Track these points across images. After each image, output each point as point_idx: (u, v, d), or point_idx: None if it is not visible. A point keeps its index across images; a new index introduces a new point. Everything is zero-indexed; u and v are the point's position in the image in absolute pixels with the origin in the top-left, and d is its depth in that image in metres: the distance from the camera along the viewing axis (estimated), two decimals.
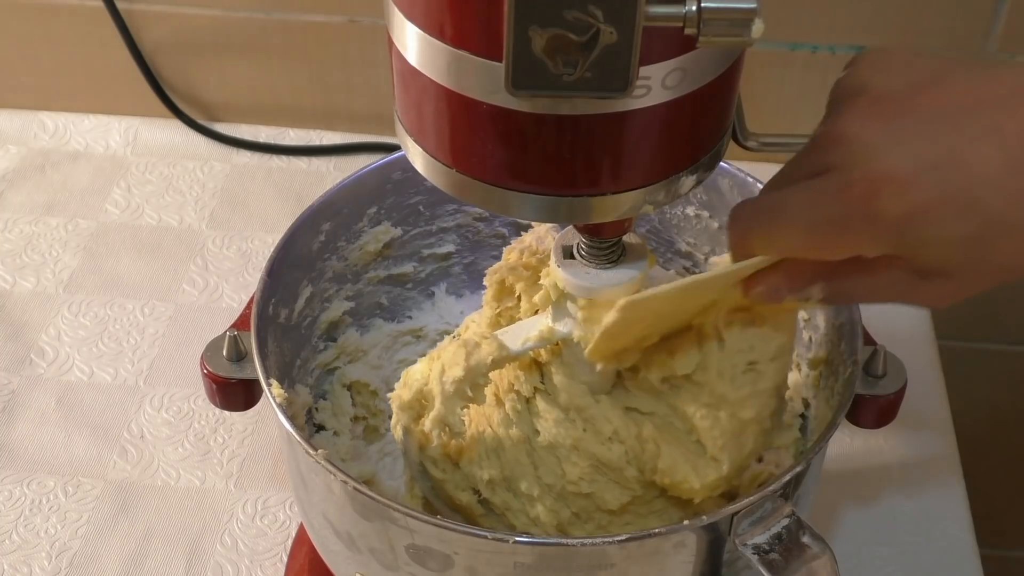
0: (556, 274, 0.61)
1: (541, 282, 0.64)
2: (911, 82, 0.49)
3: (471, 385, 0.64)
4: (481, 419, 0.68)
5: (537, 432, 0.66)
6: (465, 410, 0.68)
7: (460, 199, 0.55)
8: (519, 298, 0.70)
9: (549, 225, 0.70)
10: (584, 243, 0.61)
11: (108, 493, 0.82)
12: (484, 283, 0.72)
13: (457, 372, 0.63)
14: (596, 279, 0.61)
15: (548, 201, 0.52)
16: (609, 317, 0.58)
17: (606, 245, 0.60)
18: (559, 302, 0.63)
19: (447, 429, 0.65)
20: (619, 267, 0.61)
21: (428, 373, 0.65)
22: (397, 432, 0.67)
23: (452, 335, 0.79)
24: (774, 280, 0.54)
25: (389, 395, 0.67)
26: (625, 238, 0.61)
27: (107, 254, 0.99)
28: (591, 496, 0.65)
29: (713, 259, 0.73)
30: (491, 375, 0.66)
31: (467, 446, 0.67)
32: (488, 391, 0.68)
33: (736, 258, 0.54)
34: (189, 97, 1.09)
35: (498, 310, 0.71)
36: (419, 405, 0.67)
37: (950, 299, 0.51)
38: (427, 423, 0.65)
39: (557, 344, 0.65)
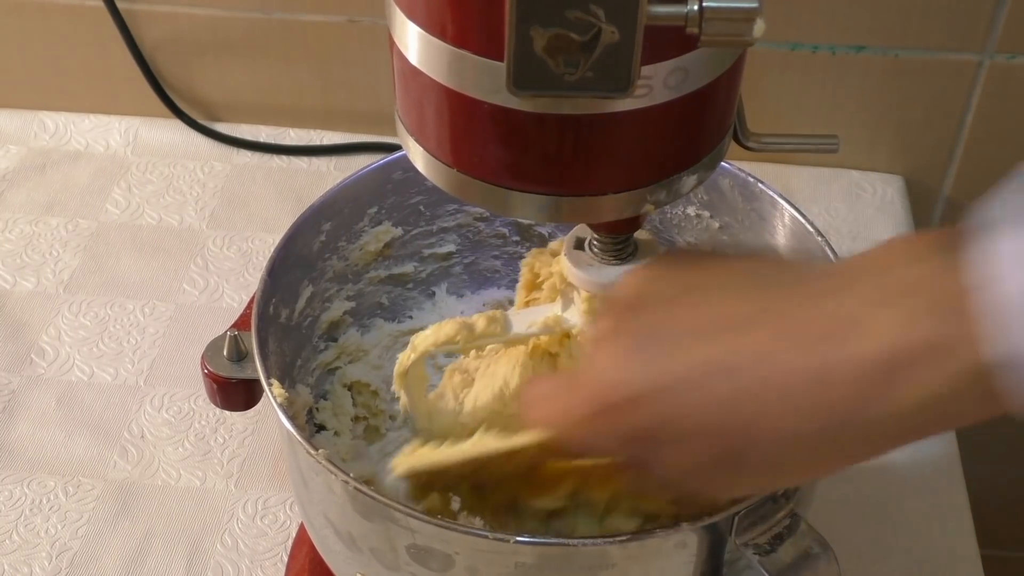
0: (562, 263, 0.61)
1: (551, 269, 0.64)
2: (656, 301, 0.50)
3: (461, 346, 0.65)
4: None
5: None
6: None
7: (461, 199, 0.55)
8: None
9: None
10: (596, 238, 0.61)
11: (108, 493, 0.82)
12: (520, 271, 0.71)
13: (449, 330, 0.63)
14: (600, 273, 0.61)
15: (549, 200, 0.52)
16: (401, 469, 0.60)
17: (618, 241, 0.60)
18: (567, 292, 0.63)
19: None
20: (628, 263, 0.61)
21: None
22: (401, 395, 0.67)
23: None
24: (554, 448, 0.56)
25: (397, 411, 0.67)
26: (637, 234, 0.61)
27: (107, 254, 0.99)
28: None
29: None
30: (500, 355, 0.67)
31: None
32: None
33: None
34: (189, 97, 1.09)
35: (526, 299, 0.71)
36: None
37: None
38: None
39: (566, 335, 0.65)
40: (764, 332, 0.47)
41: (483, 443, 0.58)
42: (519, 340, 0.66)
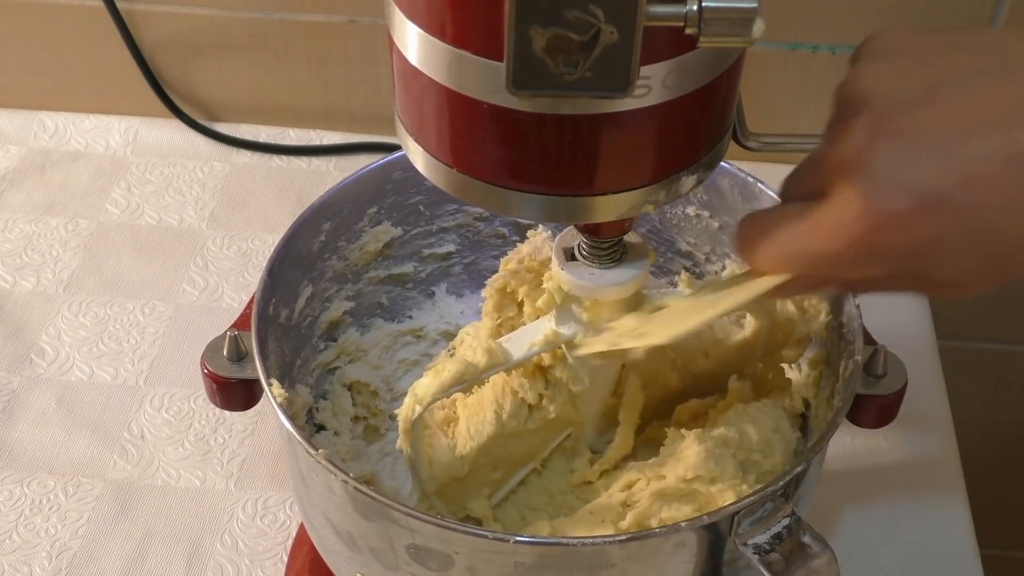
0: (559, 277, 0.61)
1: (544, 286, 0.64)
2: (910, 96, 0.46)
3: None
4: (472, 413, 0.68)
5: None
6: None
7: (461, 199, 0.55)
8: (520, 305, 0.70)
9: (546, 234, 0.70)
10: (585, 243, 0.61)
11: (108, 493, 0.82)
12: (483, 294, 0.72)
13: (452, 373, 0.63)
14: (600, 279, 0.61)
15: (549, 201, 0.52)
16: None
17: (608, 244, 0.60)
18: (563, 305, 0.63)
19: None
20: (621, 266, 0.61)
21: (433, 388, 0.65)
22: (406, 448, 0.66)
23: (447, 348, 0.79)
24: (788, 289, 0.53)
25: (396, 411, 0.66)
26: (625, 237, 0.61)
27: (107, 254, 0.99)
28: None
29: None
30: (492, 380, 0.67)
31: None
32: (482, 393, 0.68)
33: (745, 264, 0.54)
34: (189, 97, 1.09)
35: (499, 320, 0.71)
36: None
37: (965, 296, 0.50)
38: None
39: (559, 348, 0.65)
40: None
41: (735, 295, 0.55)
42: (521, 364, 0.65)
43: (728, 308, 0.56)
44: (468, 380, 0.63)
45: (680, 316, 0.58)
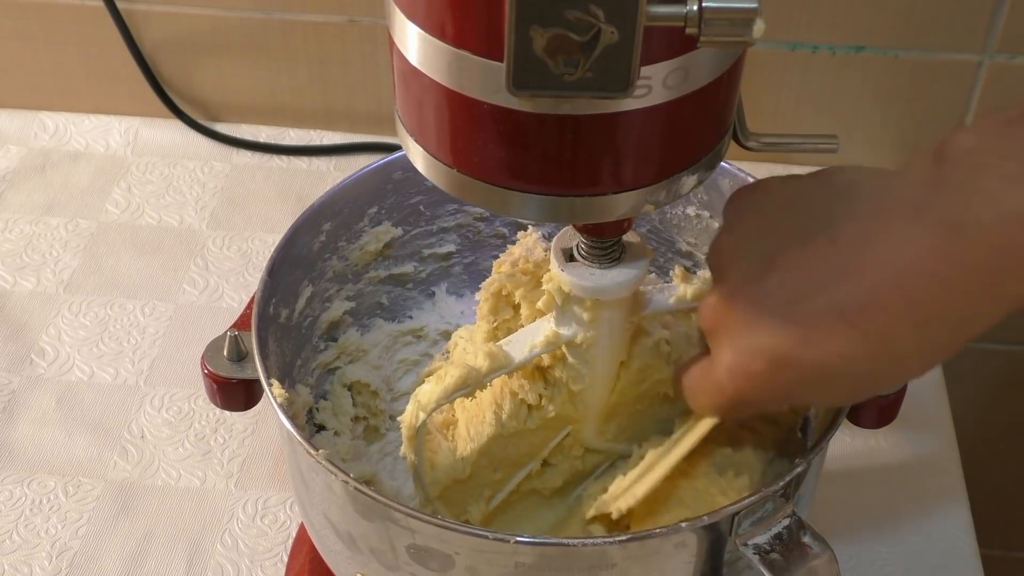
0: (560, 278, 0.61)
1: (544, 287, 0.64)
2: (752, 267, 0.52)
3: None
4: (472, 417, 0.68)
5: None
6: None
7: (461, 199, 0.55)
8: (517, 307, 0.70)
9: (537, 235, 0.70)
10: (584, 243, 0.61)
11: (108, 493, 0.82)
12: (477, 298, 0.72)
13: (455, 378, 0.63)
14: (600, 279, 0.61)
15: (549, 201, 0.52)
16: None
17: (607, 244, 0.60)
18: (564, 305, 0.63)
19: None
20: (621, 265, 0.61)
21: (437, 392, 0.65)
22: (410, 456, 0.66)
23: (442, 352, 0.79)
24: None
25: (397, 411, 0.66)
26: (624, 236, 0.61)
27: (107, 254, 0.99)
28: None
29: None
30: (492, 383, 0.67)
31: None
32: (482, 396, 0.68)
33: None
34: (189, 97, 1.09)
35: (495, 323, 0.71)
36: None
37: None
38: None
39: (559, 348, 0.65)
40: (869, 271, 0.49)
41: (681, 448, 0.62)
42: (523, 366, 0.65)
43: (686, 450, 0.62)
44: (471, 384, 0.63)
45: (646, 473, 0.64)
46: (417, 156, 0.55)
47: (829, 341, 0.49)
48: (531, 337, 0.64)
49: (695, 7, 0.45)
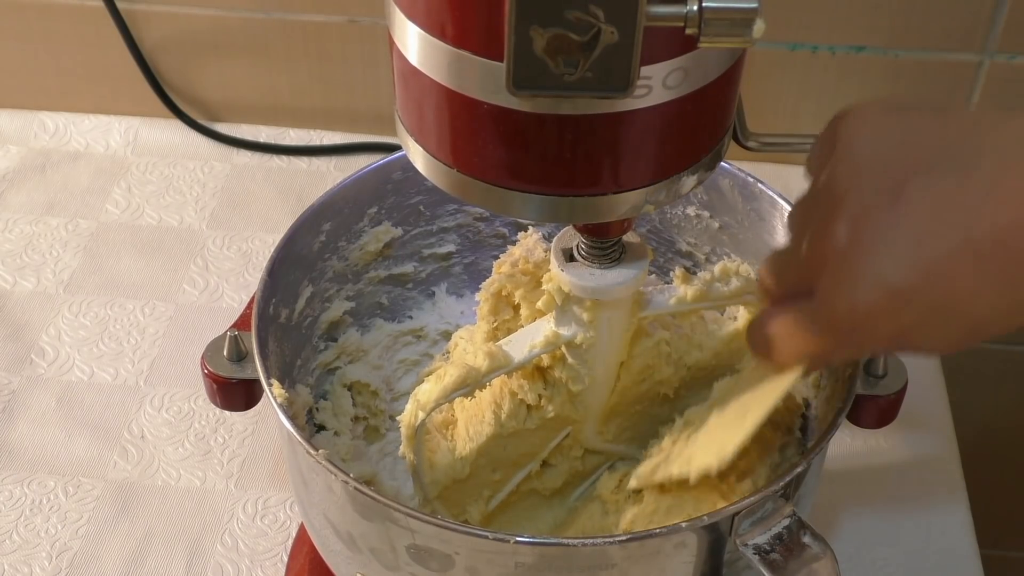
0: (560, 278, 0.61)
1: (545, 287, 0.64)
2: (880, 197, 0.50)
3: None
4: (471, 418, 0.68)
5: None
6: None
7: (461, 199, 0.55)
8: (517, 308, 0.70)
9: (537, 236, 0.70)
10: (584, 243, 0.61)
11: (108, 493, 0.82)
12: (477, 298, 0.72)
13: (454, 377, 0.63)
14: (601, 279, 0.61)
15: (549, 201, 0.52)
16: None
17: (608, 244, 0.60)
18: (564, 306, 0.63)
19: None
20: (621, 266, 0.61)
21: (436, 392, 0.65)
22: (409, 455, 0.66)
23: (443, 353, 0.79)
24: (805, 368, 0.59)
25: (397, 411, 0.66)
26: (624, 236, 0.61)
27: (107, 254, 0.99)
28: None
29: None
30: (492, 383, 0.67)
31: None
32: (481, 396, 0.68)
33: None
34: (189, 97, 1.09)
35: (495, 324, 0.71)
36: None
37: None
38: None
39: (559, 348, 0.65)
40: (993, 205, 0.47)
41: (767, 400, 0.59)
42: (523, 366, 0.65)
43: (763, 415, 0.59)
44: (470, 384, 0.63)
45: (722, 434, 0.61)
46: (417, 156, 0.55)
47: (959, 278, 0.48)
48: (531, 337, 0.64)
49: (695, 7, 0.45)
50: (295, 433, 0.59)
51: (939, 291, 0.48)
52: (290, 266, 0.70)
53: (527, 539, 0.56)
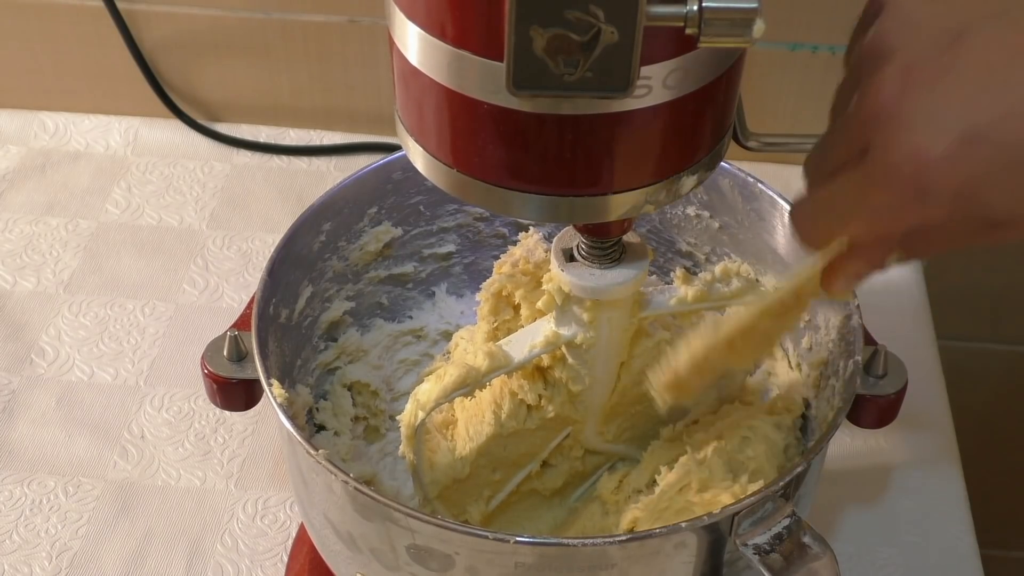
0: (560, 278, 0.61)
1: (545, 287, 0.64)
2: (937, 42, 0.46)
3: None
4: (471, 418, 0.68)
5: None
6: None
7: (461, 199, 0.55)
8: (517, 308, 0.70)
9: (537, 236, 0.70)
10: (585, 243, 0.61)
11: (108, 493, 0.82)
12: (477, 298, 0.72)
13: (454, 377, 0.63)
14: (601, 279, 0.61)
15: (549, 201, 0.52)
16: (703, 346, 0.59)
17: (608, 244, 0.60)
18: (564, 306, 0.63)
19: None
20: (621, 266, 0.61)
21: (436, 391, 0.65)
22: (409, 455, 0.66)
23: (443, 353, 0.79)
24: (852, 268, 0.53)
25: (397, 411, 0.67)
26: (624, 236, 0.61)
27: (107, 254, 0.99)
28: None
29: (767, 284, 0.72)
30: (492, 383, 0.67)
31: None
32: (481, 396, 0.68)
33: (810, 251, 0.54)
34: (189, 97, 1.09)
35: (495, 324, 0.71)
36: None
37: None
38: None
39: (559, 349, 0.65)
40: None
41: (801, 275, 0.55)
42: (523, 366, 0.65)
43: (788, 290, 0.56)
44: (470, 384, 0.63)
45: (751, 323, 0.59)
46: (417, 156, 0.55)
47: None
48: (531, 337, 0.64)
49: (695, 7, 0.45)
50: (295, 433, 0.59)
51: (1008, 134, 0.44)
52: (290, 266, 0.70)
53: (527, 539, 0.56)
